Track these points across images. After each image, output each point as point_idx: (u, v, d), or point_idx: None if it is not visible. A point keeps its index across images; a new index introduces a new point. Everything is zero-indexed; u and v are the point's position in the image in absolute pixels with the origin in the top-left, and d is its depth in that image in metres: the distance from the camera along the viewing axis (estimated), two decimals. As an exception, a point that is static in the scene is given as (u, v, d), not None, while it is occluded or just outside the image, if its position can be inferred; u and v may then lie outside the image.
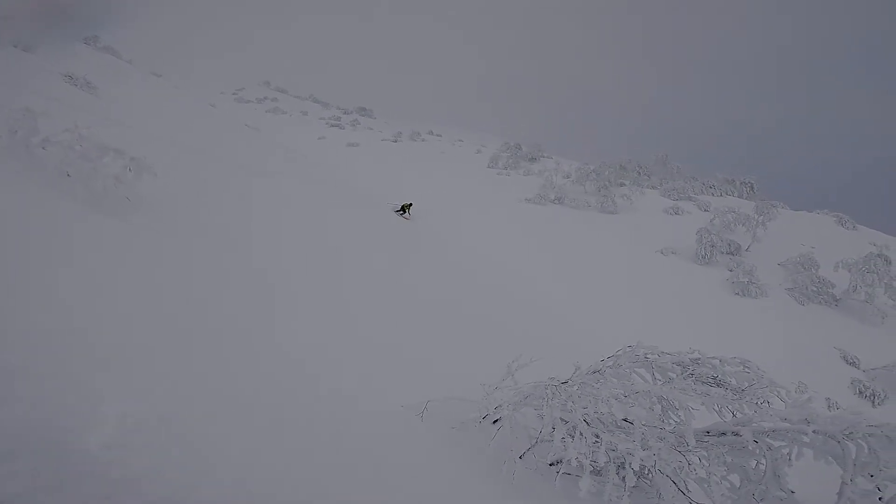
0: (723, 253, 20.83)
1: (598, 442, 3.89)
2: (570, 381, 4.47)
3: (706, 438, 4.23)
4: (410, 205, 18.93)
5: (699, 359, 4.03)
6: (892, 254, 21.11)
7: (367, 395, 4.62)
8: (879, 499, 3.56)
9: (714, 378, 3.95)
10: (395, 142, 47.18)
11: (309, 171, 20.03)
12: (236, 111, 52.04)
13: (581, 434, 3.87)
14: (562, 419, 4.18)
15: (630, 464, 3.55)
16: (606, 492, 3.80)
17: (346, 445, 3.46)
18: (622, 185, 31.27)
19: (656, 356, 4.07)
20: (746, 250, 21.93)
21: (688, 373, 3.97)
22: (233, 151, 17.75)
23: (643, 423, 3.84)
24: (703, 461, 4.37)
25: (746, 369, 3.97)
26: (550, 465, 4.69)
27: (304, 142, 38.07)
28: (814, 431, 3.62)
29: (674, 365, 4.05)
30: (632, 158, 35.59)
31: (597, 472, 4.28)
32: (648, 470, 4.15)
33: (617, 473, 3.95)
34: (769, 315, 16.84)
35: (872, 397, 12.96)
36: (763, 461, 4.14)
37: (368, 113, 70.70)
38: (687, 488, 4.30)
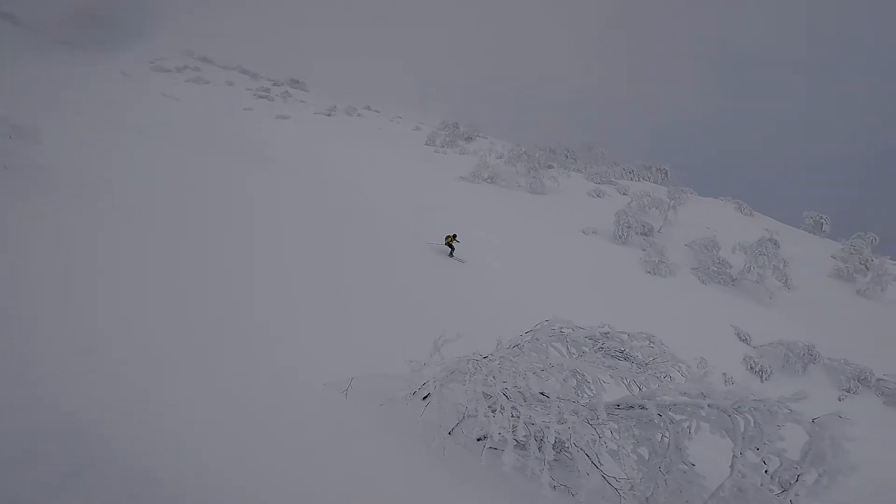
0: (638, 234, 22.35)
1: (517, 416, 3.89)
2: (491, 356, 4.44)
3: (616, 412, 4.36)
4: (454, 236, 15.28)
5: (609, 332, 4.11)
6: (780, 238, 23.87)
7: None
8: (765, 471, 3.89)
9: (622, 352, 4.06)
10: (329, 115, 45.20)
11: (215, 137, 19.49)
12: (152, 80, 47.08)
13: (502, 408, 3.86)
14: (484, 393, 4.14)
15: (547, 437, 3.55)
16: (529, 466, 3.81)
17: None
18: (550, 167, 32.49)
19: (571, 330, 4.10)
20: (658, 232, 23.64)
21: (598, 346, 4.04)
22: (138, 118, 16.88)
23: (559, 396, 3.87)
24: (614, 434, 4.53)
25: (651, 344, 4.11)
26: (478, 440, 4.67)
27: (228, 112, 35.52)
28: (709, 405, 3.83)
29: (586, 339, 4.11)
30: (561, 143, 36.99)
31: (521, 447, 4.30)
32: (566, 444, 4.23)
33: (539, 448, 3.99)
34: (676, 293, 18.34)
35: (761, 373, 14.56)
36: (667, 434, 4.37)
37: (301, 86, 66.84)
38: (600, 462, 4.46)
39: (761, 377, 14.43)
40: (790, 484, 4.35)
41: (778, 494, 4.41)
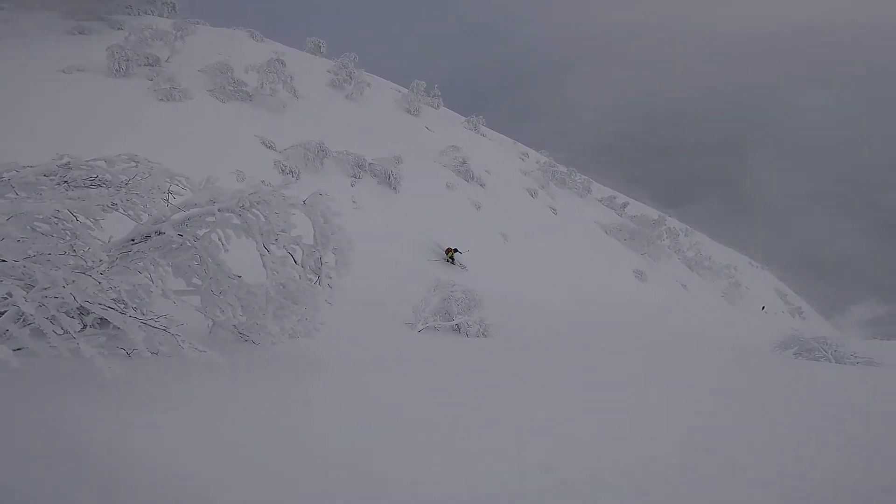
0: (141, 65, 19.55)
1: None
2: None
3: (134, 248, 3.89)
4: (456, 250, 17.13)
5: (70, 163, 3.33)
6: (287, 59, 25.96)
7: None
8: (295, 262, 4.60)
9: (92, 179, 3.43)
10: None
11: None
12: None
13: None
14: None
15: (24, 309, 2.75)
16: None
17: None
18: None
19: (16, 172, 3.04)
20: (167, 62, 21.34)
21: (60, 180, 3.24)
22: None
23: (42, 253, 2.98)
24: (148, 275, 4.13)
25: (136, 164, 3.65)
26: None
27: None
28: (219, 210, 3.93)
29: (41, 177, 3.19)
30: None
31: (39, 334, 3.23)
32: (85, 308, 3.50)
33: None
34: (194, 114, 18.14)
35: (291, 174, 16.69)
36: (201, 254, 4.33)
37: None
38: (155, 316, 3.93)
39: (294, 177, 16.75)
40: (319, 268, 5.39)
41: (315, 282, 5.41)
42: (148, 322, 3.55)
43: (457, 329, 10.79)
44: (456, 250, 17.11)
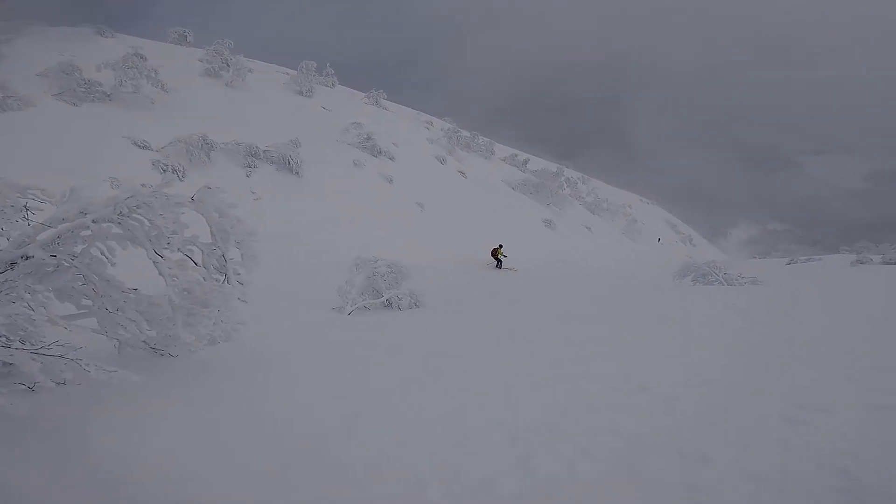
0: None
1: None
2: None
3: (6, 275, 3.42)
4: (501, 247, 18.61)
5: None
6: (148, 53, 23.13)
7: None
8: (196, 263, 4.28)
9: None
10: None
11: None
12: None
13: None
14: None
15: None
16: None
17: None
18: None
19: None
20: None
21: None
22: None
23: None
24: (26, 303, 3.67)
25: None
26: None
27: None
28: (94, 221, 3.56)
29: None
30: None
31: None
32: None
33: None
34: (41, 122, 15.56)
35: (175, 172, 15.07)
36: (85, 273, 3.91)
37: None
38: (47, 344, 3.52)
39: (179, 176, 15.16)
40: (224, 266, 5.06)
41: (223, 281, 5.07)
42: (39, 352, 3.20)
43: (388, 304, 10.84)
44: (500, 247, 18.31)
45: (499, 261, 18.34)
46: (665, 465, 2.88)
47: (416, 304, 10.95)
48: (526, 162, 43.87)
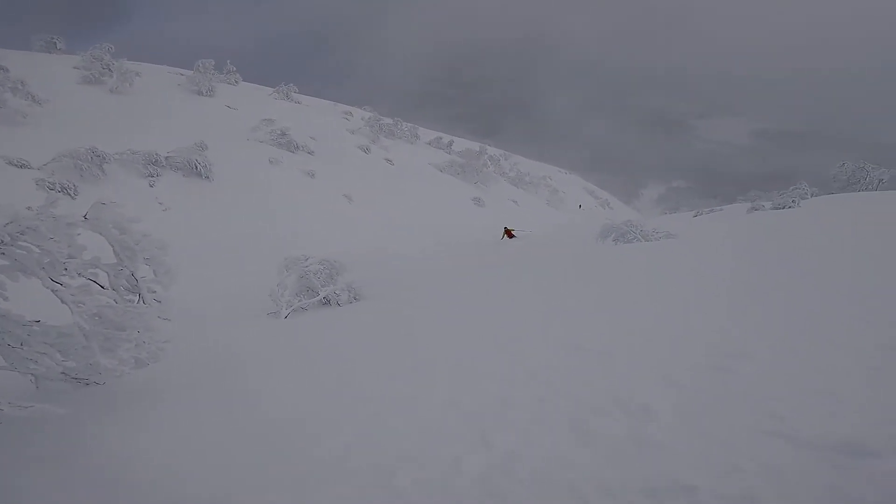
0: None
1: None
2: None
3: None
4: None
5: None
6: (11, 63, 20.16)
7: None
8: (103, 287, 3.91)
9: None
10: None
11: None
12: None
13: None
14: None
15: None
16: None
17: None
18: None
19: None
20: None
21: None
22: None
23: None
24: None
25: None
26: None
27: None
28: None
29: None
30: None
31: None
32: None
33: None
34: None
35: (65, 190, 13.50)
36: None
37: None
38: None
39: (70, 194, 13.66)
40: (136, 285, 4.68)
41: (137, 303, 4.69)
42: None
43: (326, 302, 10.64)
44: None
45: (512, 236, 20.68)
46: (613, 424, 2.92)
47: (355, 298, 10.80)
48: (450, 144, 44.28)
